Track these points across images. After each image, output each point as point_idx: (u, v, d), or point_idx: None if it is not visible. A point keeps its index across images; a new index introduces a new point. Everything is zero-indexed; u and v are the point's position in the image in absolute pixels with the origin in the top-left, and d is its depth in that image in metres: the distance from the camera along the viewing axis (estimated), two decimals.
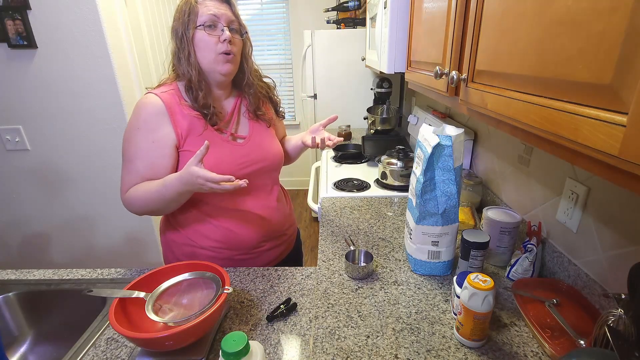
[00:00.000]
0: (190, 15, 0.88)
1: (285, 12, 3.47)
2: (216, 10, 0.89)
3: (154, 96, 0.91)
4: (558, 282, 0.85)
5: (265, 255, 1.07)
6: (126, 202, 0.94)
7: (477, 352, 0.71)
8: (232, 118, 1.01)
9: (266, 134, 1.06)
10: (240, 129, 1.02)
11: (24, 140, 1.76)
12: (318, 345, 0.74)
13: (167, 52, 2.10)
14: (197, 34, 0.89)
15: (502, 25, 0.56)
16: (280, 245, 1.11)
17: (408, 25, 1.24)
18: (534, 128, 0.47)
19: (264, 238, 1.04)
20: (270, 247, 1.07)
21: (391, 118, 2.19)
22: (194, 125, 0.92)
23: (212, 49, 0.89)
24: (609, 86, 0.34)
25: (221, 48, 0.89)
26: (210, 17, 0.88)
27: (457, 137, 0.85)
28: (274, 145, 1.07)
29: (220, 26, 0.89)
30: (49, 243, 2.00)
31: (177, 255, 1.02)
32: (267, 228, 1.04)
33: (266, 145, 1.04)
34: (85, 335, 0.81)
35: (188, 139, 0.92)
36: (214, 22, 0.89)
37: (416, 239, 0.93)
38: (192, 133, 0.92)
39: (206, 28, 0.88)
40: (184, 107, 0.92)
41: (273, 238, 1.07)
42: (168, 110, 0.90)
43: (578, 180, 0.83)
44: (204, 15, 0.88)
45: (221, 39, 0.89)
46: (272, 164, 1.04)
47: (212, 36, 0.89)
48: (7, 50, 1.59)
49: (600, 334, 0.58)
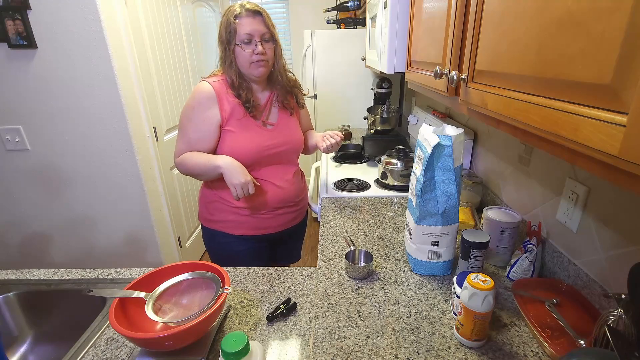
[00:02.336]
0: (231, 33, 1.09)
1: (285, 12, 3.47)
2: (250, 29, 1.08)
3: (207, 84, 1.13)
4: (558, 282, 0.85)
5: (279, 218, 1.27)
6: (177, 164, 1.19)
7: (477, 352, 0.71)
8: (266, 107, 1.22)
9: (291, 123, 1.26)
10: (271, 117, 1.23)
11: (24, 140, 1.76)
12: (318, 345, 0.74)
13: (167, 52, 2.12)
14: (236, 48, 1.10)
15: (502, 25, 0.56)
16: (292, 212, 1.31)
17: (408, 25, 1.24)
18: (534, 128, 0.47)
19: (280, 203, 1.24)
20: (284, 213, 1.27)
21: (391, 118, 2.19)
22: (235, 110, 1.14)
23: (248, 59, 1.10)
24: (609, 86, 0.34)
25: (255, 58, 1.10)
26: (246, 36, 1.08)
27: (457, 137, 0.85)
28: (297, 133, 1.28)
29: (254, 41, 1.09)
30: (49, 243, 2.00)
31: (211, 211, 1.25)
32: (283, 195, 1.24)
33: (290, 132, 1.25)
34: (85, 335, 0.81)
35: (230, 121, 1.14)
36: (249, 39, 1.08)
37: (416, 239, 0.93)
38: (233, 117, 1.14)
39: (243, 45, 1.09)
40: (229, 95, 1.14)
41: (287, 205, 1.28)
42: (217, 96, 1.12)
43: (578, 180, 0.83)
44: (241, 34, 1.08)
45: (255, 52, 1.09)
46: (293, 148, 1.26)
47: (247, 51, 1.09)
48: (7, 50, 1.59)
49: (600, 334, 0.58)
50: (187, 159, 1.15)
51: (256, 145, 1.16)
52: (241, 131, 1.15)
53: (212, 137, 1.15)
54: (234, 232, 1.23)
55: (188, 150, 1.16)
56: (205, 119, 1.13)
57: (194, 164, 1.14)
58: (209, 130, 1.14)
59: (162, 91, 2.12)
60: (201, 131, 1.14)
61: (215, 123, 1.13)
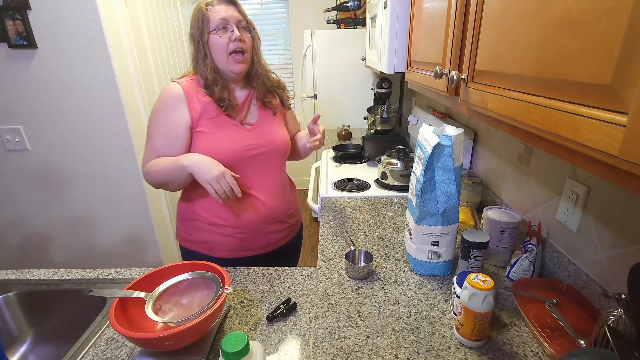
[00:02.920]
0: (204, 22, 0.98)
1: (285, 12, 3.47)
2: (225, 14, 0.98)
3: (176, 84, 1.02)
4: (558, 282, 0.85)
5: (264, 238, 1.13)
6: (144, 175, 1.06)
7: (477, 352, 0.71)
8: (244, 106, 1.11)
9: (273, 122, 1.14)
10: (250, 117, 1.11)
11: (24, 140, 1.76)
12: (318, 345, 0.74)
13: (167, 52, 2.10)
14: (211, 37, 0.99)
15: (502, 25, 0.56)
16: (280, 232, 1.17)
17: (408, 25, 1.24)
18: (534, 128, 0.47)
19: (264, 220, 1.11)
20: (270, 231, 1.14)
21: (391, 118, 2.19)
22: (207, 109, 1.02)
23: (225, 48, 0.99)
24: (609, 86, 0.34)
25: (233, 47, 0.99)
26: (220, 21, 0.98)
27: (457, 137, 0.85)
28: (280, 133, 1.15)
29: (230, 27, 0.99)
30: (49, 243, 2.00)
31: (188, 231, 1.12)
32: (266, 211, 1.11)
33: (272, 132, 1.12)
34: (85, 335, 0.81)
35: (201, 121, 1.02)
36: (225, 25, 0.99)
37: (416, 239, 0.93)
38: (204, 116, 1.02)
39: (218, 31, 0.98)
40: (200, 93, 1.03)
41: (273, 222, 1.14)
42: (186, 96, 1.01)
43: (578, 180, 0.83)
44: (215, 20, 0.98)
45: (232, 38, 0.98)
46: (276, 149, 1.12)
47: (224, 37, 0.99)
48: (7, 50, 1.59)
49: (600, 334, 0.58)
50: (151, 167, 1.01)
51: (234, 144, 1.03)
52: (216, 131, 1.02)
53: (182, 142, 1.02)
54: (214, 254, 1.09)
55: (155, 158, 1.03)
56: (173, 121, 1.00)
57: (158, 170, 1.00)
58: (178, 134, 1.01)
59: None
60: (168, 135, 1.01)
61: (185, 125, 1.01)
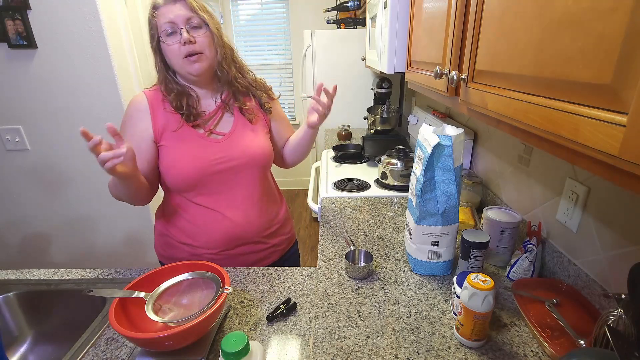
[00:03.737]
0: (152, 29, 0.92)
1: (285, 12, 3.47)
2: (171, 16, 0.89)
3: (141, 94, 0.98)
4: (558, 282, 0.85)
5: (237, 260, 1.04)
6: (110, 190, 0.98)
7: (477, 352, 0.71)
8: (216, 115, 1.01)
9: (249, 130, 1.02)
10: (222, 125, 1.01)
11: (24, 140, 1.76)
12: (318, 345, 0.74)
13: None
14: (162, 45, 0.92)
15: (502, 25, 0.56)
16: (258, 252, 1.06)
17: (408, 25, 1.24)
18: (534, 128, 0.47)
19: (235, 241, 1.02)
20: (243, 252, 1.04)
21: (391, 118, 2.19)
22: (169, 121, 0.96)
23: (178, 54, 0.91)
24: (609, 86, 0.34)
25: (184, 51, 0.90)
26: (167, 25, 0.89)
27: (457, 137, 0.85)
28: (257, 142, 1.03)
29: (178, 30, 0.90)
30: (49, 243, 2.00)
31: (161, 245, 1.08)
32: (238, 230, 1.01)
33: (246, 142, 1.01)
34: (85, 335, 0.81)
35: (164, 135, 0.95)
36: (173, 28, 0.90)
37: (416, 239, 0.93)
38: (167, 129, 0.95)
39: (166, 37, 0.90)
40: (165, 102, 0.97)
41: (248, 243, 1.04)
42: (150, 107, 0.96)
43: (578, 180, 0.83)
44: (162, 25, 0.90)
45: (181, 41, 0.89)
46: (251, 162, 1.00)
47: (173, 44, 0.90)
48: (7, 50, 1.59)
49: (600, 334, 0.58)
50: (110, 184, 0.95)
51: (197, 160, 0.95)
52: (177, 144, 0.95)
53: (146, 157, 0.94)
54: None
55: None
56: (135, 134, 0.94)
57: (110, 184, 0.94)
58: (140, 148, 0.92)
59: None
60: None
61: (148, 139, 0.94)
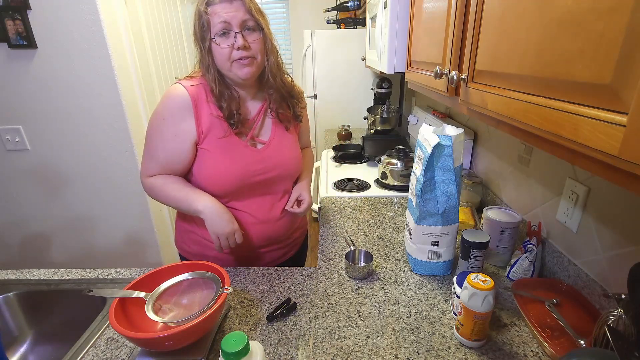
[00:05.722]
0: (204, 26, 0.86)
1: (285, 12, 3.47)
2: (226, 16, 0.84)
3: (182, 88, 0.90)
4: (558, 282, 0.85)
5: (266, 256, 1.09)
6: (146, 187, 0.97)
7: (477, 352, 0.71)
8: (257, 119, 0.99)
9: (287, 141, 1.03)
10: (263, 132, 1.00)
11: (24, 140, 1.76)
12: (318, 345, 0.74)
13: (167, 52, 2.08)
14: (212, 45, 0.87)
15: (502, 26, 0.56)
16: (283, 248, 1.11)
17: (408, 25, 1.24)
18: (534, 128, 0.47)
19: (265, 242, 1.05)
20: (271, 250, 1.08)
21: (391, 118, 2.19)
22: (214, 126, 0.92)
23: (227, 58, 0.87)
24: (609, 86, 0.34)
25: (236, 55, 0.86)
26: (222, 26, 0.84)
27: (457, 137, 0.85)
28: (293, 153, 1.04)
29: (233, 32, 0.85)
30: (49, 243, 2.00)
31: (186, 242, 1.07)
32: (268, 234, 1.04)
33: (285, 151, 1.01)
34: (85, 335, 0.81)
35: (207, 139, 0.92)
36: (227, 29, 0.85)
37: (416, 239, 0.93)
38: (211, 134, 0.92)
39: (219, 38, 0.85)
40: (210, 103, 0.92)
41: (275, 242, 1.08)
42: (194, 106, 0.90)
43: (578, 180, 0.83)
44: (215, 24, 0.85)
45: (235, 46, 0.85)
46: (287, 172, 1.02)
47: (225, 47, 0.86)
48: (7, 50, 1.59)
49: (600, 334, 0.58)
50: (158, 189, 0.95)
51: (239, 170, 0.94)
52: (221, 153, 0.93)
53: (186, 157, 0.93)
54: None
55: (158, 172, 0.95)
56: (178, 134, 0.91)
57: (167, 197, 0.94)
58: (182, 149, 0.91)
59: (162, 91, 2.12)
60: (171, 150, 0.92)
61: (190, 140, 0.91)
